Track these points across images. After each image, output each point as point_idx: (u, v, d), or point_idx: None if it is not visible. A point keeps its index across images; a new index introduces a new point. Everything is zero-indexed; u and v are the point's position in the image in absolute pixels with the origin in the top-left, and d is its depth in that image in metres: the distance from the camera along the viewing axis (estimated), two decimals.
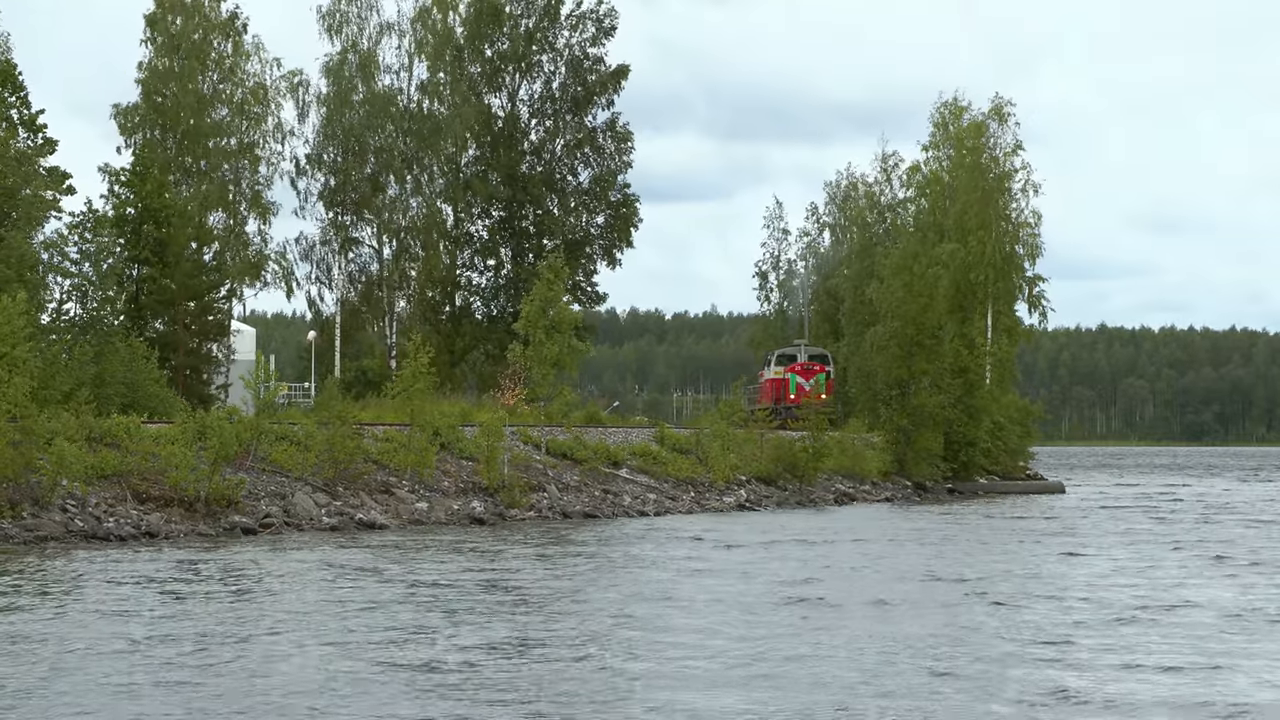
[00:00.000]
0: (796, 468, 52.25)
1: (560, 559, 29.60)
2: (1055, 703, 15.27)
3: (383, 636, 18.91)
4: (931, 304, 60.82)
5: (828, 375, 68.96)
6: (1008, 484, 64.96)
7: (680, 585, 25.09)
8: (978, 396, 62.14)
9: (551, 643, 18.60)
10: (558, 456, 46.01)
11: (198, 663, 16.88)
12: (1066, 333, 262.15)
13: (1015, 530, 40.02)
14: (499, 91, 72.13)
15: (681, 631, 19.68)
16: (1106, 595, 24.37)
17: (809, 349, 71.62)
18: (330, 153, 68.08)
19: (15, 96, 45.44)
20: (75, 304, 45.03)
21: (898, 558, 30.92)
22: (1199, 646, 18.88)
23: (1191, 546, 34.52)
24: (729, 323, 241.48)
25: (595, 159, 71.63)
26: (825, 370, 69.09)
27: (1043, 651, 18.40)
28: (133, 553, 28.92)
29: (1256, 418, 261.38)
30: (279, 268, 61.54)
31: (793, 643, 18.76)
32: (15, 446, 31.21)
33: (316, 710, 14.56)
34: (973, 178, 73.83)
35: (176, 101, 58.06)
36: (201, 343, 52.76)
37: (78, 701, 14.78)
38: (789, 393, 67.46)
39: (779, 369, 69.72)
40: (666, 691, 15.58)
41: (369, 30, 68.98)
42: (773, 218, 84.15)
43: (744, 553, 31.49)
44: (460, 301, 71.81)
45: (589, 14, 71.51)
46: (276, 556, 28.98)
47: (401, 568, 27.18)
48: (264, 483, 36.35)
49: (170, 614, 20.64)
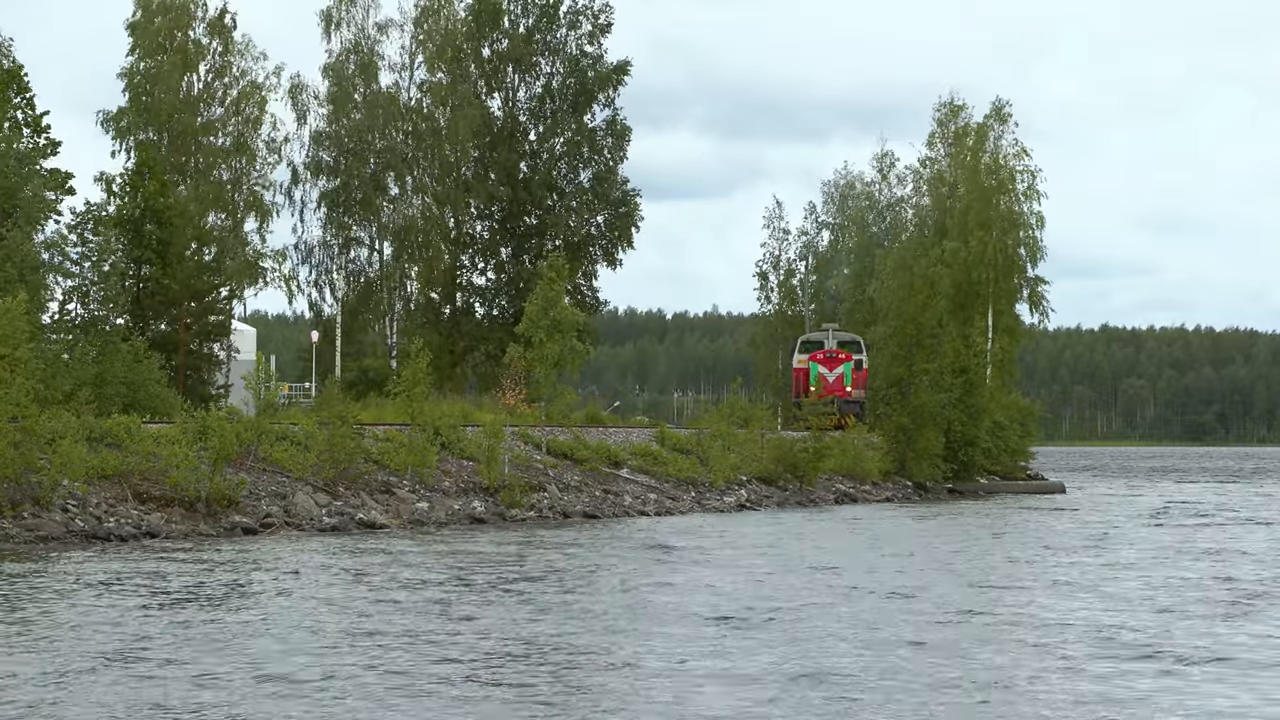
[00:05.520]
0: (797, 468, 52.23)
1: (560, 559, 29.59)
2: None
3: (382, 637, 18.91)
4: (931, 303, 60.73)
5: (857, 365, 65.08)
6: (1008, 484, 64.85)
7: (681, 586, 25.10)
8: (978, 396, 62.03)
9: (551, 643, 18.60)
10: (558, 456, 46.00)
11: (198, 663, 16.89)
12: (1067, 333, 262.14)
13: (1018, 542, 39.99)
14: (498, 92, 72.15)
15: (680, 631, 19.70)
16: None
17: (838, 334, 67.88)
18: (330, 153, 68.03)
19: (21, 98, 45.49)
20: (76, 304, 45.06)
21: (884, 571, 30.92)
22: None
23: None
24: (729, 323, 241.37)
25: (595, 158, 71.56)
26: (854, 359, 65.22)
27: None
28: (133, 553, 28.93)
29: (1257, 418, 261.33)
30: (278, 268, 61.59)
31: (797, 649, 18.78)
32: (16, 447, 31.21)
33: (317, 710, 14.57)
34: (974, 177, 73.85)
35: (163, 102, 57.99)
36: (202, 343, 52.76)
37: (75, 702, 14.79)
38: (810, 384, 64.38)
39: (802, 357, 66.61)
40: (667, 693, 15.60)
41: (369, 30, 69.01)
42: (773, 217, 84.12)
43: (732, 559, 31.50)
44: (460, 302, 71.81)
45: (585, 11, 71.54)
46: (277, 556, 28.98)
47: (401, 568, 27.18)
48: (264, 483, 36.35)
49: (169, 614, 20.64)
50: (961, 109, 75.88)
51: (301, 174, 67.61)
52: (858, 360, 65.77)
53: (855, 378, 65.40)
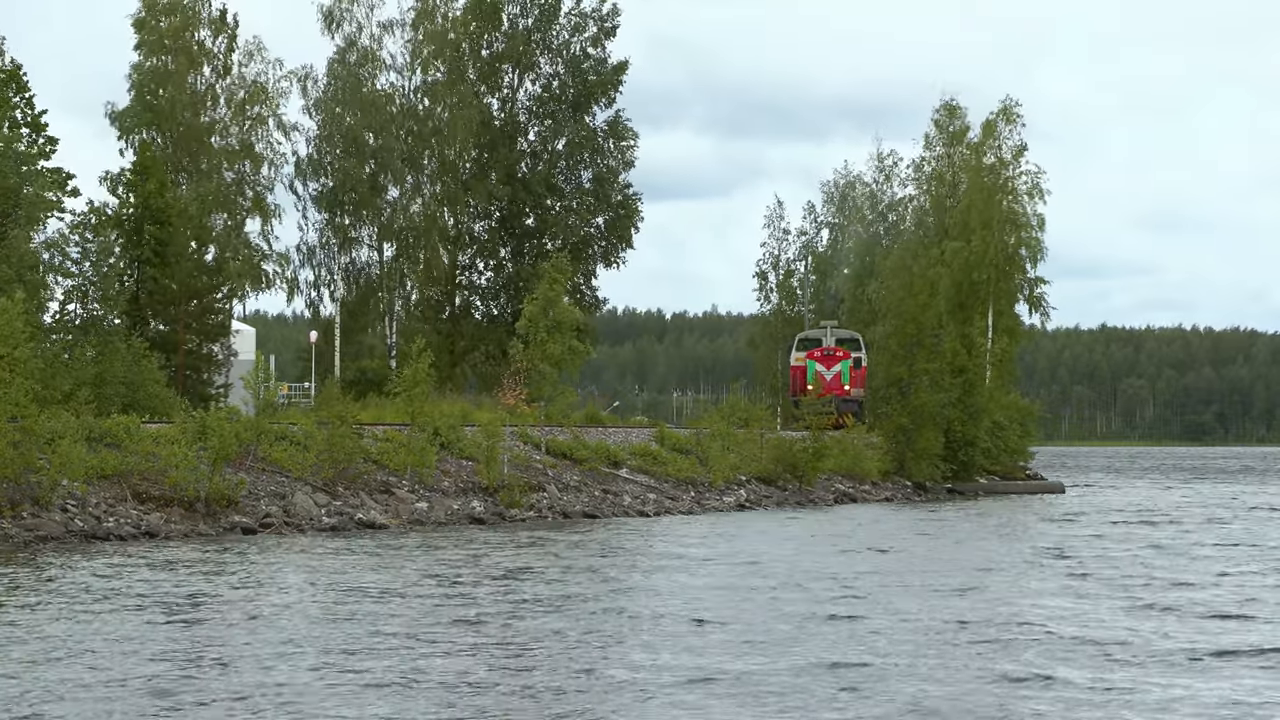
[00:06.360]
0: (796, 468, 52.24)
1: (560, 560, 29.60)
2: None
3: (379, 636, 18.92)
4: (931, 303, 60.71)
5: (856, 363, 64.70)
6: (1008, 484, 64.83)
7: (681, 584, 25.11)
8: (977, 396, 62.03)
9: (551, 644, 18.61)
10: (558, 456, 46.01)
11: (195, 664, 16.89)
12: (1067, 332, 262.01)
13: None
14: (497, 91, 72.12)
15: (683, 636, 19.71)
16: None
17: (836, 331, 67.33)
18: (330, 154, 68.00)
19: (20, 97, 45.47)
20: (76, 304, 45.04)
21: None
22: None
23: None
24: (729, 322, 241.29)
25: (595, 159, 71.54)
26: (852, 357, 64.85)
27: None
28: (133, 553, 28.94)
29: (1257, 418, 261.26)
30: (280, 270, 61.60)
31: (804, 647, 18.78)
32: (15, 447, 31.22)
33: (316, 711, 14.57)
34: (976, 177, 73.83)
35: (170, 101, 57.98)
36: (202, 343, 52.75)
37: (71, 703, 14.80)
38: (807, 382, 63.97)
39: (799, 355, 66.13)
40: (669, 694, 15.60)
41: (370, 29, 68.99)
42: (774, 217, 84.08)
43: (732, 554, 31.51)
44: (460, 301, 71.83)
45: (592, 14, 71.47)
46: (276, 556, 28.99)
47: (399, 568, 27.19)
48: (264, 483, 36.37)
49: (168, 615, 20.65)
50: (957, 110, 75.89)
51: (303, 170, 67.58)
52: (856, 358, 65.48)
53: (853, 376, 65.17)
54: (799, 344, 67.68)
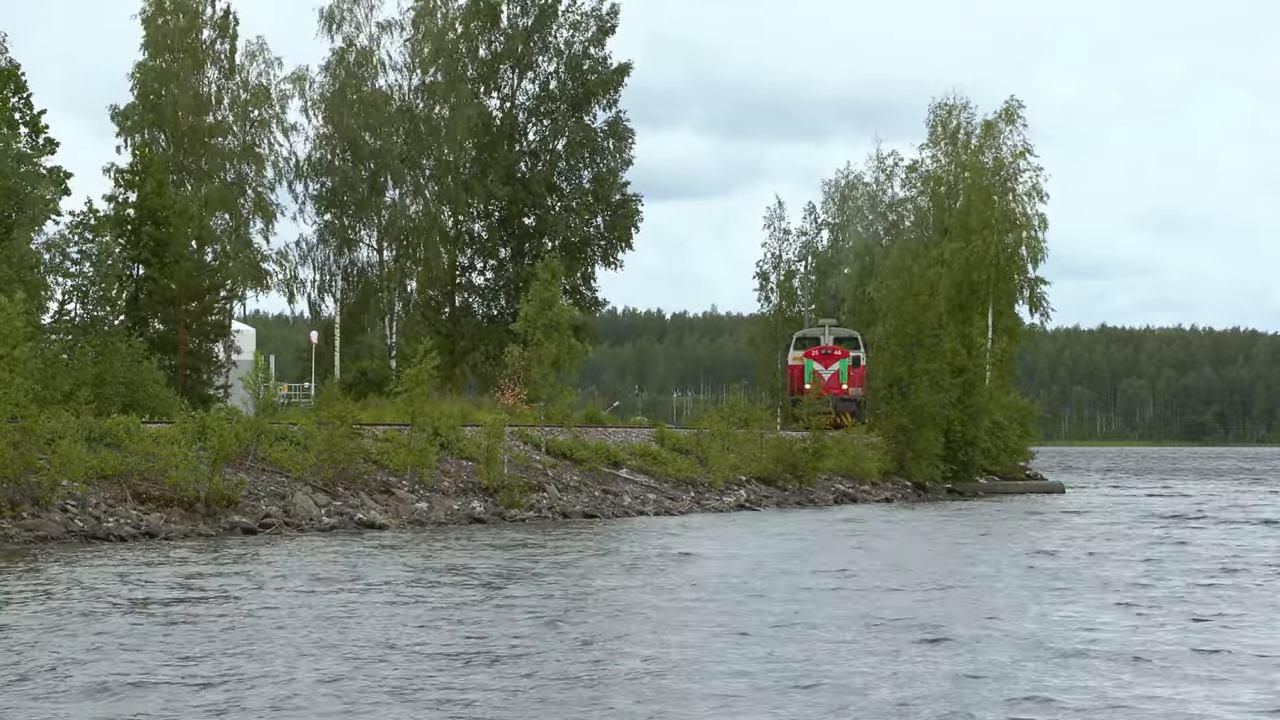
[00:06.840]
0: (796, 468, 52.24)
1: (560, 560, 29.61)
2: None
3: (376, 636, 18.93)
4: (931, 303, 60.71)
5: (854, 362, 64.29)
6: (1007, 484, 64.83)
7: (681, 584, 25.12)
8: (977, 396, 62.03)
9: (550, 644, 18.62)
10: (557, 456, 46.02)
11: (196, 664, 16.89)
12: (1066, 333, 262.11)
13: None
14: (495, 91, 72.13)
15: (683, 636, 19.71)
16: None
17: (835, 330, 66.95)
18: (329, 154, 68.00)
19: (19, 97, 45.49)
20: (75, 304, 45.07)
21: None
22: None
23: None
24: (729, 322, 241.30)
25: (595, 159, 71.52)
26: (851, 356, 64.45)
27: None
28: (132, 553, 28.94)
29: (1257, 418, 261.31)
30: (281, 271, 61.63)
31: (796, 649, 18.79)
32: (15, 447, 31.23)
33: (316, 712, 14.58)
34: (976, 177, 73.81)
35: (173, 101, 57.98)
36: (202, 343, 52.77)
37: (69, 703, 14.80)
38: (805, 382, 63.54)
39: (797, 354, 65.69)
40: (669, 693, 15.61)
41: (369, 29, 69.00)
42: (774, 217, 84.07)
43: (734, 560, 31.53)
44: (460, 302, 71.83)
45: (592, 14, 71.46)
46: (276, 557, 28.99)
47: (399, 568, 27.20)
48: (264, 483, 36.37)
49: (168, 615, 20.65)
50: (953, 109, 75.87)
51: (303, 170, 67.59)
52: (855, 357, 65.23)
53: (852, 375, 64.96)
54: (797, 343, 67.57)
